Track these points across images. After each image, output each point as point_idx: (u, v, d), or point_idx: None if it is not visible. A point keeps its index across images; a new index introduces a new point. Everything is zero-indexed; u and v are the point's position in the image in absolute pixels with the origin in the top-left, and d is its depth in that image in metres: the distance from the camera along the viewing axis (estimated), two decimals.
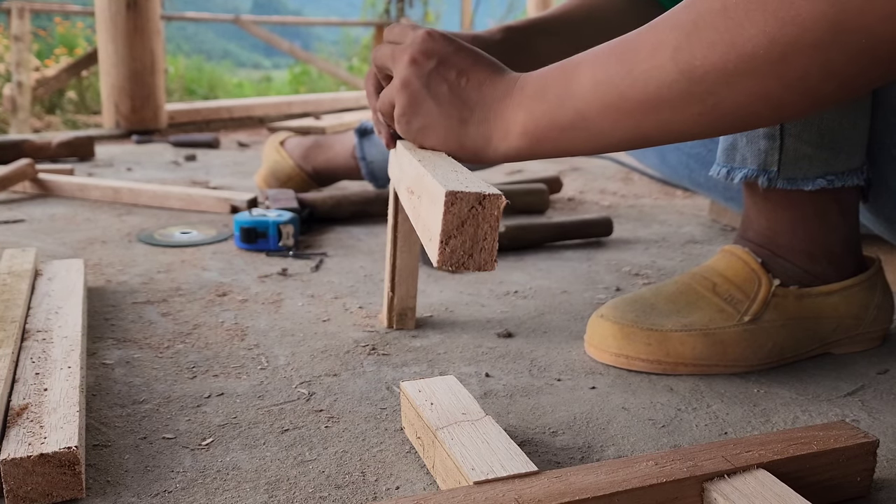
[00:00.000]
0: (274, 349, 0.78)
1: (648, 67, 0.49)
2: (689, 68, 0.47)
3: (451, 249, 0.49)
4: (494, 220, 0.49)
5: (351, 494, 0.54)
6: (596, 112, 0.53)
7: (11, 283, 0.82)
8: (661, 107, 0.49)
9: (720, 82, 0.46)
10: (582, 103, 0.53)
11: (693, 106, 0.48)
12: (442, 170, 0.55)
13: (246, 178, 1.75)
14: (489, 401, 0.68)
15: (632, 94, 0.50)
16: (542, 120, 0.56)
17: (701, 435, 0.63)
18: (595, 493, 0.46)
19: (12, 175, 1.46)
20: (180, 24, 18.90)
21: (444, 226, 0.49)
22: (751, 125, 0.50)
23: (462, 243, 0.49)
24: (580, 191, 1.67)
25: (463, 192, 0.49)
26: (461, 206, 0.49)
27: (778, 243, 0.76)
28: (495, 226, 0.49)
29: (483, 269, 0.50)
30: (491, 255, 0.50)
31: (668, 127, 0.50)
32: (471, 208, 0.49)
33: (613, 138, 0.54)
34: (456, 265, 0.50)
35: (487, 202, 0.49)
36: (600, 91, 0.52)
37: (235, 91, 8.61)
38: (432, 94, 0.62)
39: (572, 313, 0.90)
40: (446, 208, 0.48)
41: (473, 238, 0.49)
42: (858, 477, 0.53)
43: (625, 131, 0.52)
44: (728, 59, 0.45)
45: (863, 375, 0.74)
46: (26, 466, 0.50)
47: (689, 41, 0.46)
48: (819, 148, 0.72)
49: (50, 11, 6.16)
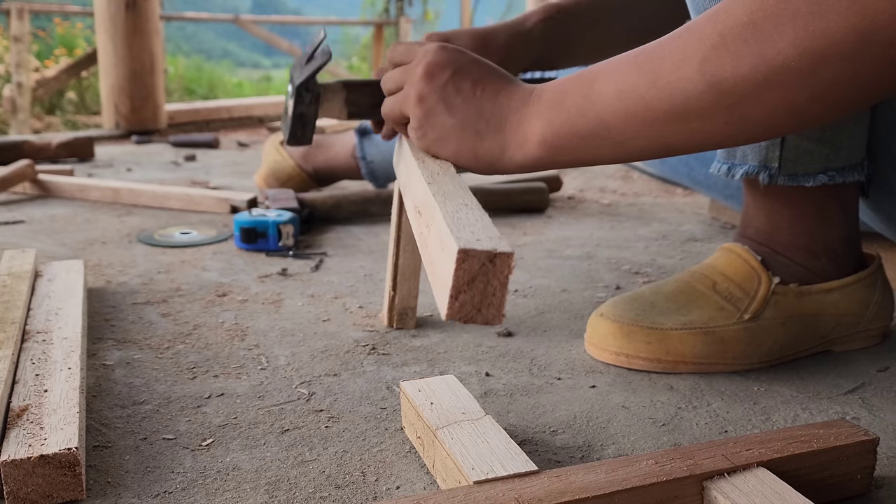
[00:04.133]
0: (274, 349, 0.78)
1: (675, 78, 0.49)
2: (717, 80, 0.47)
3: (460, 304, 0.49)
4: (504, 278, 0.49)
5: (351, 494, 0.54)
6: (619, 121, 0.53)
7: (11, 284, 0.82)
8: (687, 117, 0.49)
9: (749, 94, 0.46)
10: (604, 112, 0.53)
11: (720, 116, 0.48)
12: (452, 204, 0.54)
13: (246, 178, 1.75)
14: (489, 400, 0.68)
15: (657, 105, 0.50)
16: (561, 129, 0.56)
17: (701, 433, 0.63)
18: (595, 493, 0.46)
19: (12, 176, 1.46)
20: (180, 24, 18.90)
21: (455, 282, 0.49)
22: (772, 134, 0.51)
23: (471, 298, 0.49)
24: (580, 189, 1.67)
25: (475, 249, 0.48)
26: (472, 263, 0.48)
27: (778, 241, 0.76)
28: (505, 283, 0.49)
29: (490, 324, 0.51)
30: (499, 310, 0.50)
31: (692, 136, 0.51)
32: (482, 265, 0.49)
33: (635, 147, 0.54)
34: (464, 319, 0.50)
35: (499, 260, 0.49)
36: (624, 100, 0.52)
37: (235, 91, 8.61)
38: (447, 106, 0.62)
39: (572, 312, 0.90)
40: (457, 265, 0.48)
41: (483, 294, 0.49)
42: (859, 475, 0.53)
43: (648, 141, 0.52)
44: (758, 71, 0.45)
45: (863, 373, 0.74)
46: (26, 468, 0.50)
47: (716, 53, 0.47)
48: (820, 143, 0.72)
49: (49, 12, 6.16)
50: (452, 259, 0.48)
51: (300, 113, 0.74)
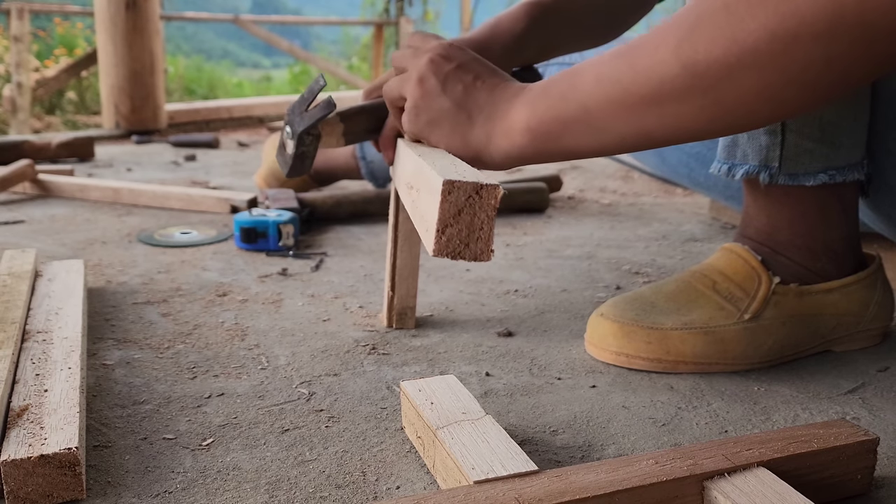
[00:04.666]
0: (274, 349, 0.78)
1: (651, 63, 0.50)
2: (691, 62, 0.47)
3: (447, 238, 0.49)
4: (491, 210, 0.49)
5: (351, 494, 0.54)
6: (599, 106, 0.54)
7: (11, 284, 0.82)
8: (663, 101, 0.50)
9: (722, 76, 0.47)
10: (585, 97, 0.54)
11: (695, 100, 0.49)
12: (441, 163, 0.55)
13: (246, 178, 1.75)
14: (489, 400, 0.68)
15: (634, 89, 0.51)
16: (545, 115, 0.57)
17: (701, 433, 0.63)
18: (595, 492, 0.46)
19: (12, 176, 1.46)
20: (180, 24, 18.90)
21: (441, 214, 0.49)
22: (752, 122, 0.50)
23: (458, 232, 0.49)
24: (580, 189, 1.67)
25: (460, 181, 0.49)
26: (458, 194, 0.49)
27: (778, 240, 0.76)
28: (492, 216, 0.50)
29: (479, 259, 0.50)
30: (487, 245, 0.50)
31: (670, 122, 0.51)
32: (468, 197, 0.49)
33: (616, 134, 0.54)
34: (452, 254, 0.50)
35: (485, 192, 0.49)
36: (603, 86, 0.53)
37: (235, 91, 8.61)
38: (447, 92, 0.63)
39: (572, 312, 0.90)
40: (443, 197, 0.48)
41: (470, 227, 0.50)
42: (859, 475, 0.53)
43: (627, 126, 0.53)
44: (730, 52, 0.46)
45: (863, 373, 0.74)
46: (27, 468, 0.50)
47: (691, 36, 0.47)
48: (820, 143, 0.72)
49: (49, 12, 6.16)
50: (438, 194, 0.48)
51: (301, 153, 0.78)
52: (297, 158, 0.78)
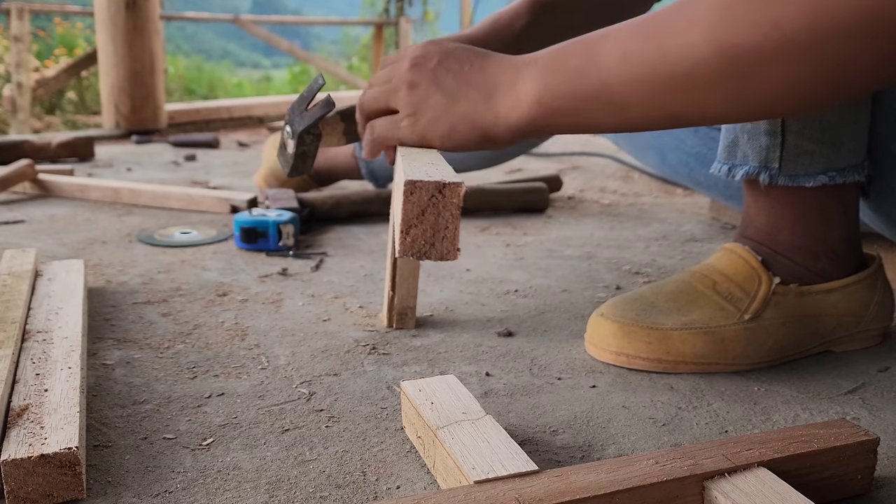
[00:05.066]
0: (274, 349, 0.78)
1: (682, 43, 0.49)
2: (727, 47, 0.46)
3: (412, 239, 0.49)
4: (455, 209, 0.49)
5: (351, 494, 0.54)
6: (622, 84, 0.52)
7: (12, 283, 0.82)
8: (691, 84, 0.49)
9: (755, 64, 0.46)
10: (608, 74, 0.53)
11: (724, 86, 0.48)
12: (417, 163, 0.55)
13: (246, 178, 1.75)
14: (489, 400, 0.68)
15: (663, 69, 0.50)
16: (559, 89, 0.56)
17: (701, 433, 0.63)
18: (596, 492, 0.46)
19: (12, 176, 1.46)
20: (180, 24, 18.90)
21: (405, 215, 0.49)
22: (780, 111, 0.50)
23: (423, 232, 0.49)
24: (580, 189, 1.67)
25: (422, 180, 0.48)
26: (420, 194, 0.48)
27: (778, 241, 0.76)
28: (456, 215, 0.49)
29: (445, 259, 0.50)
30: (453, 244, 0.50)
31: (694, 106, 0.50)
32: (430, 197, 0.49)
33: (636, 115, 0.53)
34: (418, 254, 0.50)
35: (447, 190, 0.49)
36: (629, 63, 0.52)
37: (235, 91, 8.61)
38: (440, 87, 0.62)
39: (572, 312, 0.90)
40: (405, 197, 0.48)
41: (434, 227, 0.49)
42: (859, 475, 0.53)
43: (650, 107, 0.52)
44: (765, 41, 0.45)
45: (863, 373, 0.74)
46: (27, 467, 0.50)
47: (726, 19, 0.46)
48: (820, 144, 0.72)
49: (49, 12, 6.16)
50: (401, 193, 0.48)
51: (302, 152, 0.78)
52: (299, 158, 0.78)
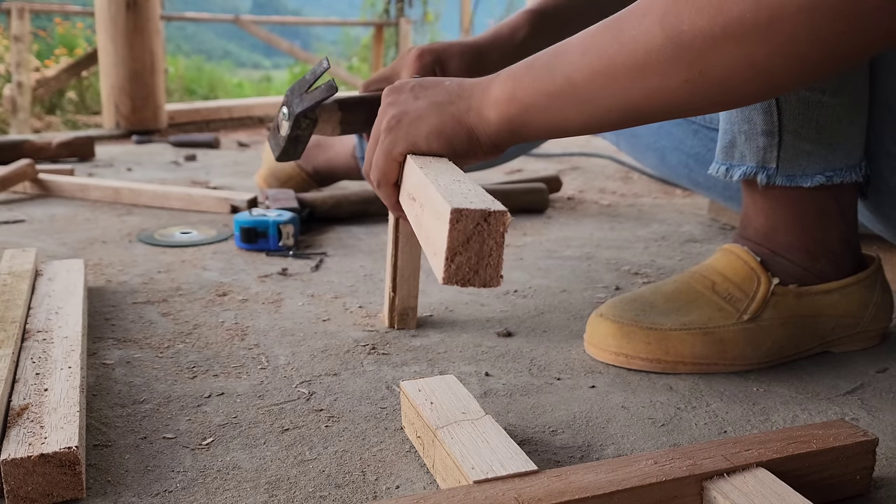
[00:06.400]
0: (274, 349, 0.78)
1: (636, 33, 0.50)
2: (676, 33, 0.47)
3: (456, 266, 0.49)
4: (500, 237, 0.49)
5: (351, 494, 0.54)
6: (584, 77, 0.54)
7: (12, 283, 0.82)
8: (648, 72, 0.50)
9: (707, 48, 0.46)
10: (570, 68, 0.55)
11: (680, 72, 0.48)
12: (445, 180, 0.54)
13: (246, 178, 1.75)
14: (489, 400, 0.68)
15: (620, 60, 0.51)
16: (530, 87, 0.57)
17: (700, 434, 0.63)
18: (595, 492, 0.46)
19: (13, 175, 1.46)
20: (180, 24, 18.90)
21: (450, 243, 0.48)
22: (742, 96, 0.50)
23: (468, 260, 0.49)
24: (580, 190, 1.67)
25: (468, 209, 0.48)
26: (466, 223, 0.48)
27: (777, 241, 0.76)
28: (500, 242, 0.49)
29: (488, 286, 0.50)
30: (496, 270, 0.50)
31: (656, 95, 0.51)
32: (476, 225, 0.48)
33: (601, 107, 0.54)
34: (462, 282, 0.49)
35: (493, 219, 0.48)
36: (588, 57, 0.53)
37: (235, 91, 8.61)
38: (417, 97, 0.63)
39: (572, 312, 0.90)
40: (451, 225, 0.48)
41: (479, 254, 0.49)
42: (858, 475, 0.53)
43: (613, 99, 0.53)
44: (715, 23, 0.46)
45: (862, 374, 0.74)
46: (27, 467, 0.50)
47: (676, 7, 0.47)
48: (818, 144, 0.72)
49: (50, 12, 6.16)
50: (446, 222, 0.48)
51: (296, 136, 0.76)
52: (291, 141, 0.76)
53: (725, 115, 0.76)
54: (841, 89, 0.71)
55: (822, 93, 0.70)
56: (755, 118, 0.73)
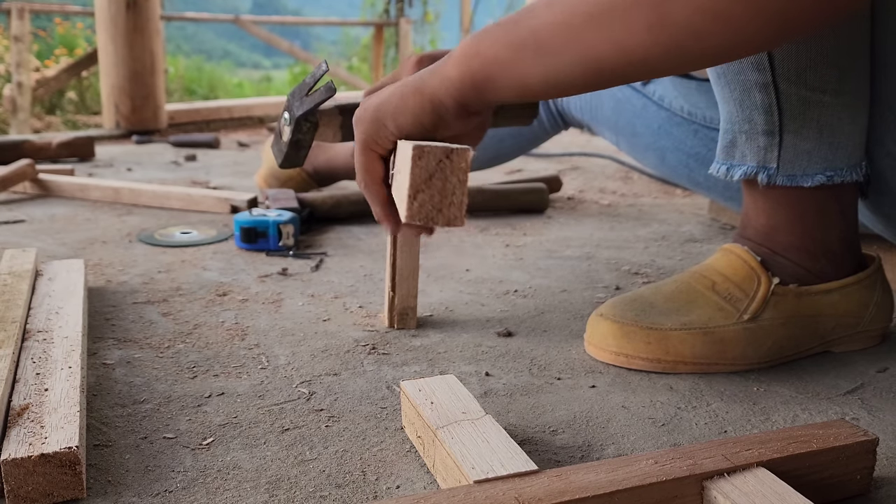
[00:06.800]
0: (274, 349, 0.79)
1: None
2: None
3: (419, 204, 0.50)
4: (463, 174, 0.50)
5: (351, 493, 0.54)
6: (548, 29, 0.54)
7: (12, 283, 0.82)
8: (611, 18, 0.50)
9: None
10: (536, 21, 0.55)
11: (640, 16, 0.48)
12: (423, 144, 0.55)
13: (246, 178, 1.75)
14: (489, 400, 0.68)
15: (583, 8, 0.51)
16: (495, 42, 0.57)
17: (701, 433, 0.63)
18: (595, 492, 0.46)
19: (13, 175, 1.46)
20: (180, 24, 18.91)
21: (412, 180, 0.49)
22: (705, 47, 0.49)
23: (430, 197, 0.50)
24: (580, 189, 1.67)
25: (430, 146, 0.49)
26: (428, 159, 0.49)
27: (777, 241, 0.76)
28: (464, 180, 0.50)
29: (452, 224, 0.51)
30: (460, 209, 0.50)
31: (620, 45, 0.50)
32: (438, 161, 0.49)
33: (565, 60, 0.53)
34: (425, 219, 0.50)
35: (455, 155, 0.49)
36: (553, 9, 0.53)
37: (235, 91, 8.62)
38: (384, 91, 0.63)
39: (572, 312, 0.90)
40: (414, 162, 0.49)
41: (442, 192, 0.50)
42: (858, 475, 0.53)
43: (576, 51, 0.53)
44: None
45: (862, 374, 0.74)
46: (27, 467, 0.50)
47: None
48: (818, 144, 0.72)
49: (50, 12, 6.16)
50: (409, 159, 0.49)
51: (297, 140, 0.77)
52: (293, 146, 0.76)
53: (726, 115, 0.76)
54: (841, 89, 0.71)
55: (823, 93, 0.70)
56: (756, 118, 0.73)
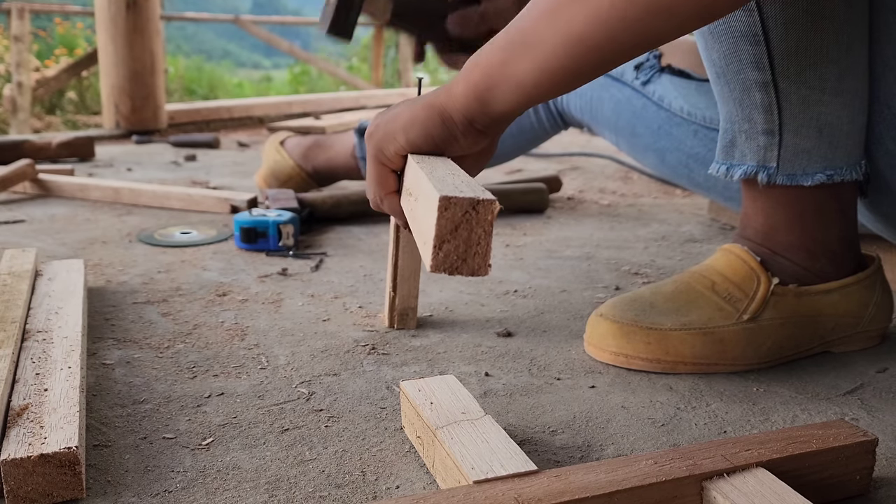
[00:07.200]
0: (274, 349, 0.79)
1: None
2: None
3: (444, 254, 0.49)
4: (488, 226, 0.49)
5: (351, 494, 0.54)
6: (532, 22, 0.56)
7: (12, 283, 0.82)
8: None
9: None
10: (521, 20, 0.57)
11: None
12: (439, 173, 0.55)
13: (246, 178, 1.75)
14: (489, 400, 0.68)
15: None
16: (491, 49, 0.59)
17: (700, 434, 0.63)
18: (595, 492, 0.46)
19: (12, 175, 1.46)
20: (180, 25, 18.90)
21: (438, 230, 0.49)
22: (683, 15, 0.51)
23: (455, 248, 0.50)
24: (580, 190, 1.67)
25: (457, 197, 0.49)
26: (455, 210, 0.49)
27: (777, 241, 0.76)
28: (489, 231, 0.50)
29: (476, 274, 0.50)
30: (485, 259, 0.50)
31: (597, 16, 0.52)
32: (464, 213, 0.49)
33: (549, 47, 0.55)
34: (449, 269, 0.50)
35: (481, 207, 0.49)
36: (537, 3, 0.56)
37: (235, 91, 8.62)
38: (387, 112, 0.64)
39: (572, 312, 0.90)
40: (440, 213, 0.48)
41: (467, 243, 0.50)
42: (858, 475, 0.53)
43: (558, 34, 0.54)
44: None
45: (862, 374, 0.74)
46: (27, 467, 0.50)
47: None
48: (818, 142, 0.72)
49: (50, 12, 6.16)
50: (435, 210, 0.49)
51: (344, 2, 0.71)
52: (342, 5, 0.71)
53: (726, 114, 0.76)
54: (841, 88, 0.71)
55: (823, 92, 0.70)
56: (756, 117, 0.73)
